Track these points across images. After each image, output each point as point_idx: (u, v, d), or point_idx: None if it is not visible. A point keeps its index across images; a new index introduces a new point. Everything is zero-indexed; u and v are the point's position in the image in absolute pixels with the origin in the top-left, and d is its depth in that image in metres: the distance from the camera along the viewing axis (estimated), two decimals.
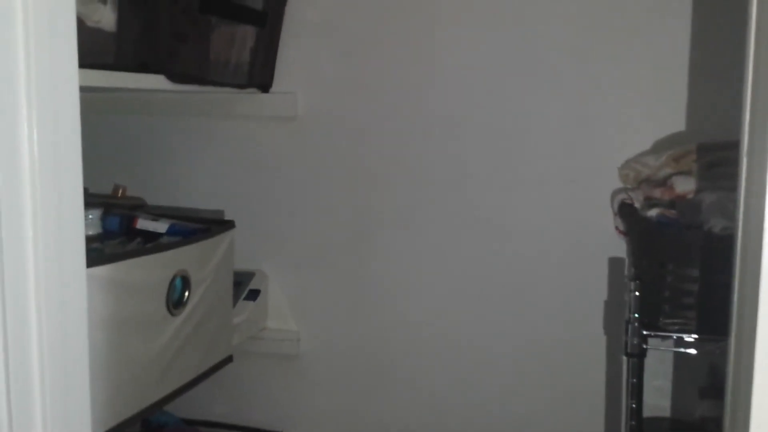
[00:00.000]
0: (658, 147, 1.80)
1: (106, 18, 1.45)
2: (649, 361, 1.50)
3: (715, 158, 1.62)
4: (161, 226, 1.80)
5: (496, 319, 2.01)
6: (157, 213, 1.90)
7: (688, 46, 1.78)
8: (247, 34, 1.93)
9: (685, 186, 1.57)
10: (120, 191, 2.08)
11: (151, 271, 1.57)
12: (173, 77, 1.65)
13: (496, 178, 1.97)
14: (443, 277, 2.04)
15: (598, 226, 1.87)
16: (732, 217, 1.07)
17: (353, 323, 2.12)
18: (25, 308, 0.87)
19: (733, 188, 0.88)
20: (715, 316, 1.38)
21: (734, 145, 0.89)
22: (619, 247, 1.85)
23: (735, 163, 0.87)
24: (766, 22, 0.78)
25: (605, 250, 1.89)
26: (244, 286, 2.09)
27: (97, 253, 1.62)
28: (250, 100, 2.07)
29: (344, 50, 2.04)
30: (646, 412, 1.55)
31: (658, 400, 1.85)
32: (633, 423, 1.49)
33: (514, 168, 1.95)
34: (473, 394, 2.05)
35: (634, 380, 1.47)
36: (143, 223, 1.81)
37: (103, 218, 1.81)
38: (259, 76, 2.01)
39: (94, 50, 1.44)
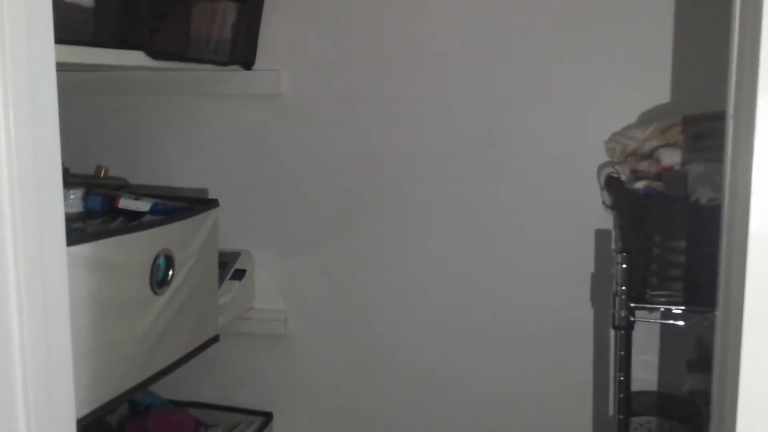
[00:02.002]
0: (644, 120, 1.80)
1: None
2: (636, 336, 1.50)
3: (702, 130, 1.61)
4: (144, 205, 1.78)
5: (484, 295, 2.01)
6: (140, 192, 1.88)
7: (672, 17, 1.77)
8: (228, 9, 1.91)
9: (671, 158, 1.57)
10: (102, 172, 2.07)
11: (134, 250, 1.55)
12: (153, 54, 1.62)
13: (482, 154, 1.96)
14: (430, 255, 2.03)
15: (585, 200, 1.87)
16: (718, 188, 1.06)
17: (341, 302, 2.12)
18: (5, 287, 0.86)
19: (720, 159, 0.88)
20: (703, 287, 1.38)
21: (720, 116, 0.88)
22: (606, 221, 1.85)
23: (721, 134, 0.87)
24: None
25: (592, 224, 1.89)
26: (229, 266, 2.08)
27: (79, 232, 1.60)
28: (233, 77, 2.05)
29: (328, 26, 2.02)
30: (634, 387, 1.55)
31: (645, 374, 1.85)
32: (621, 396, 1.49)
33: (500, 144, 1.94)
34: (462, 369, 2.05)
35: (622, 353, 1.47)
36: (125, 203, 1.79)
37: (85, 198, 1.79)
38: (242, 53, 1.99)
39: (72, 26, 1.42)
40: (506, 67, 1.91)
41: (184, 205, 1.81)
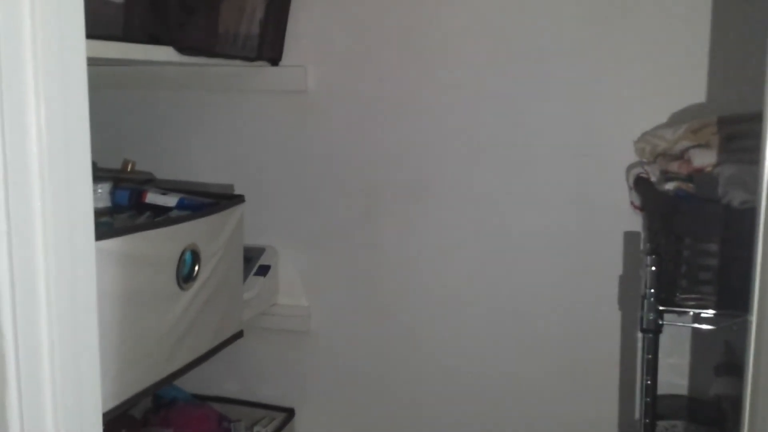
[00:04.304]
0: (675, 119, 1.78)
1: None
2: (665, 339, 1.48)
3: (735, 131, 1.59)
4: (170, 200, 1.79)
5: (509, 294, 1.99)
6: (167, 187, 1.89)
7: (709, 15, 1.74)
8: (256, 5, 1.91)
9: (703, 159, 1.55)
10: (129, 166, 2.07)
11: (161, 244, 1.56)
12: (182, 49, 1.63)
13: (508, 151, 1.94)
14: (454, 252, 2.02)
15: (614, 200, 1.85)
16: (751, 190, 1.04)
17: (364, 299, 2.11)
18: (34, 281, 0.86)
19: (753, 161, 0.86)
20: (733, 291, 1.37)
21: (754, 118, 0.87)
22: (635, 222, 1.83)
23: (755, 136, 0.85)
24: None
25: (620, 225, 1.86)
26: (254, 262, 2.08)
27: (107, 226, 1.61)
28: (260, 73, 2.05)
29: (355, 23, 2.01)
30: (664, 390, 1.54)
31: (674, 377, 1.83)
32: (648, 400, 1.48)
33: (525, 141, 1.93)
34: (485, 369, 2.04)
35: (650, 356, 1.46)
36: (152, 197, 1.79)
37: (112, 192, 1.79)
38: (269, 49, 1.99)
39: (102, 21, 1.43)
40: (533, 63, 1.89)
41: (210, 200, 1.82)
